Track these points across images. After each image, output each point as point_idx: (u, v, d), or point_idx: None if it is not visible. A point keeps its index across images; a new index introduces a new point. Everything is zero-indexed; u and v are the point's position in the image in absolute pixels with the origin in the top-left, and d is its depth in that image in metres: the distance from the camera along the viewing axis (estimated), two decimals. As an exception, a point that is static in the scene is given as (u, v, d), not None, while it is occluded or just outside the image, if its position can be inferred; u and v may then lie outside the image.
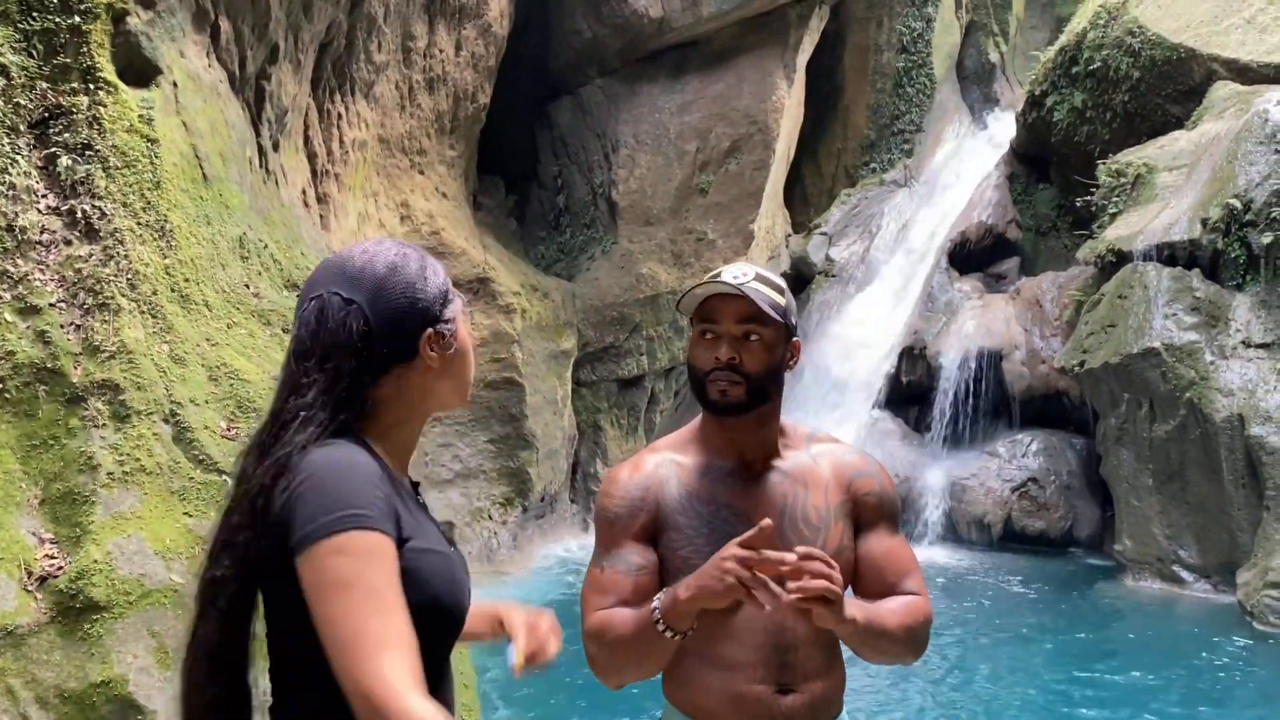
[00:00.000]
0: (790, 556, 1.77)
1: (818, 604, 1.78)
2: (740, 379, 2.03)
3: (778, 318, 2.04)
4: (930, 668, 7.02)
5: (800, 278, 13.42)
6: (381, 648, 1.34)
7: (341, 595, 1.37)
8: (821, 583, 1.76)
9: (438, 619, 1.50)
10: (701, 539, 2.04)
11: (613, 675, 2.05)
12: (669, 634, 1.90)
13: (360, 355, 1.54)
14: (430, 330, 1.60)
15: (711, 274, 2.10)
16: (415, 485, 1.70)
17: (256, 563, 1.48)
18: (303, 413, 1.50)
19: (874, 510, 2.16)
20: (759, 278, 2.06)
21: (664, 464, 2.15)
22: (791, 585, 1.76)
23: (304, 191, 7.93)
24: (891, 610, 2.02)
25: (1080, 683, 6.91)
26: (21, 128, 4.49)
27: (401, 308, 1.57)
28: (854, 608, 1.90)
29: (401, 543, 1.47)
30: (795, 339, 2.14)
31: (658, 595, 1.94)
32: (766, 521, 1.80)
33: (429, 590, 1.49)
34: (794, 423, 2.25)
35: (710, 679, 2.06)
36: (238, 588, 1.49)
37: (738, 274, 2.05)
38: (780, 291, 2.08)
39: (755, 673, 2.03)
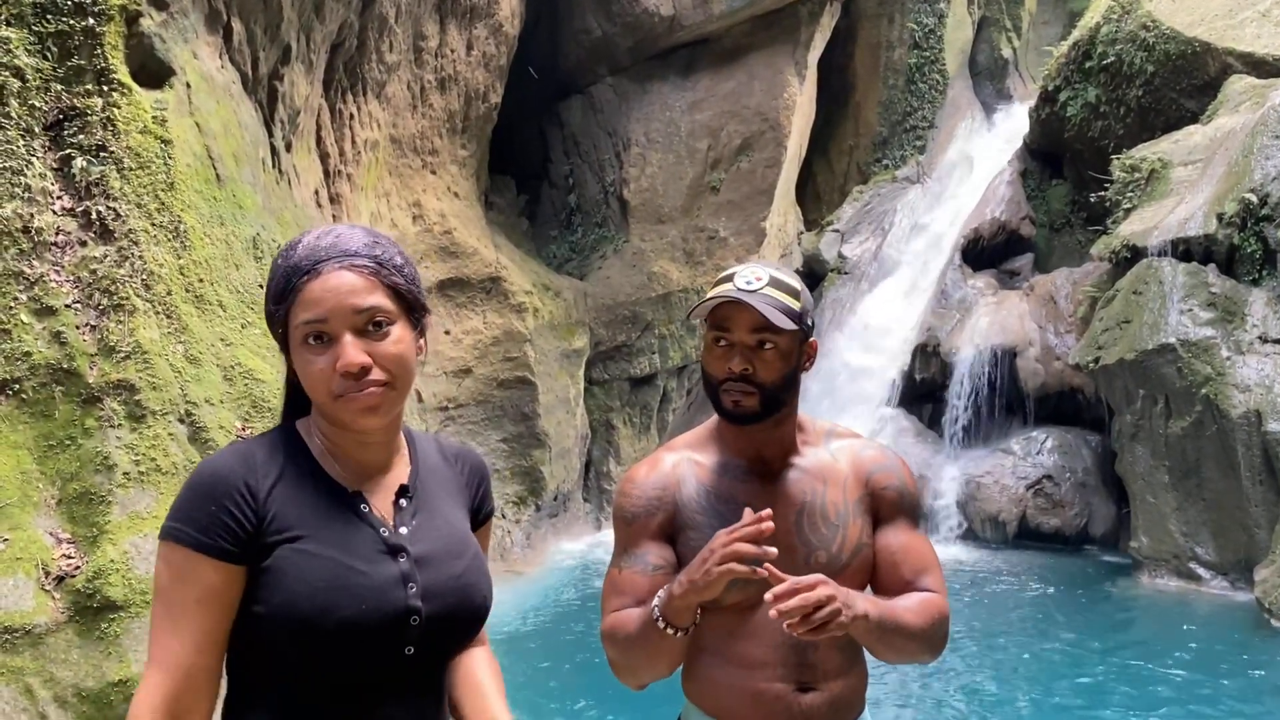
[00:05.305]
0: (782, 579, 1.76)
1: (819, 633, 1.77)
2: (754, 389, 1.97)
3: (792, 325, 1.96)
4: (947, 667, 6.99)
5: (813, 275, 13.38)
6: (150, 665, 1.42)
7: (155, 600, 1.45)
8: (820, 614, 1.74)
9: (294, 626, 1.41)
10: None
11: (629, 676, 2.03)
12: (670, 631, 1.87)
13: (283, 348, 1.56)
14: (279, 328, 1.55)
15: (724, 275, 2.03)
16: (405, 485, 1.62)
17: None
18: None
19: (892, 504, 2.12)
20: (773, 282, 1.97)
21: (682, 463, 2.12)
22: (787, 626, 1.75)
23: (316, 192, 7.94)
24: (907, 608, 1.98)
25: (1096, 681, 6.88)
26: (37, 129, 4.50)
27: (268, 301, 1.55)
28: (866, 604, 1.87)
29: (271, 544, 1.44)
30: (812, 340, 2.07)
31: (659, 593, 1.91)
32: (764, 513, 1.81)
33: (284, 593, 1.42)
34: (813, 419, 2.22)
35: (730, 677, 2.04)
36: None
37: (751, 279, 1.96)
38: (795, 294, 2.00)
39: (775, 671, 2.01)
